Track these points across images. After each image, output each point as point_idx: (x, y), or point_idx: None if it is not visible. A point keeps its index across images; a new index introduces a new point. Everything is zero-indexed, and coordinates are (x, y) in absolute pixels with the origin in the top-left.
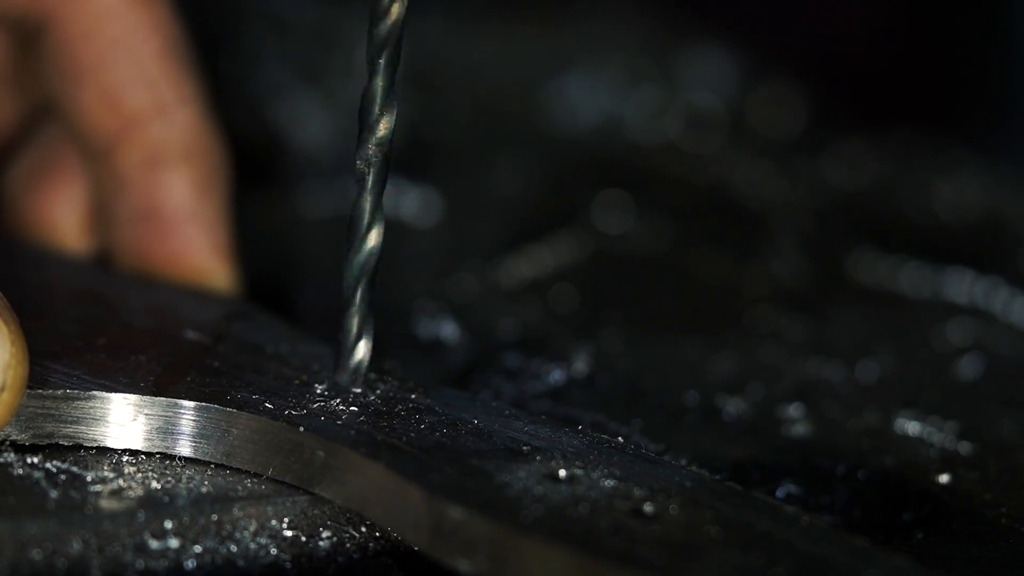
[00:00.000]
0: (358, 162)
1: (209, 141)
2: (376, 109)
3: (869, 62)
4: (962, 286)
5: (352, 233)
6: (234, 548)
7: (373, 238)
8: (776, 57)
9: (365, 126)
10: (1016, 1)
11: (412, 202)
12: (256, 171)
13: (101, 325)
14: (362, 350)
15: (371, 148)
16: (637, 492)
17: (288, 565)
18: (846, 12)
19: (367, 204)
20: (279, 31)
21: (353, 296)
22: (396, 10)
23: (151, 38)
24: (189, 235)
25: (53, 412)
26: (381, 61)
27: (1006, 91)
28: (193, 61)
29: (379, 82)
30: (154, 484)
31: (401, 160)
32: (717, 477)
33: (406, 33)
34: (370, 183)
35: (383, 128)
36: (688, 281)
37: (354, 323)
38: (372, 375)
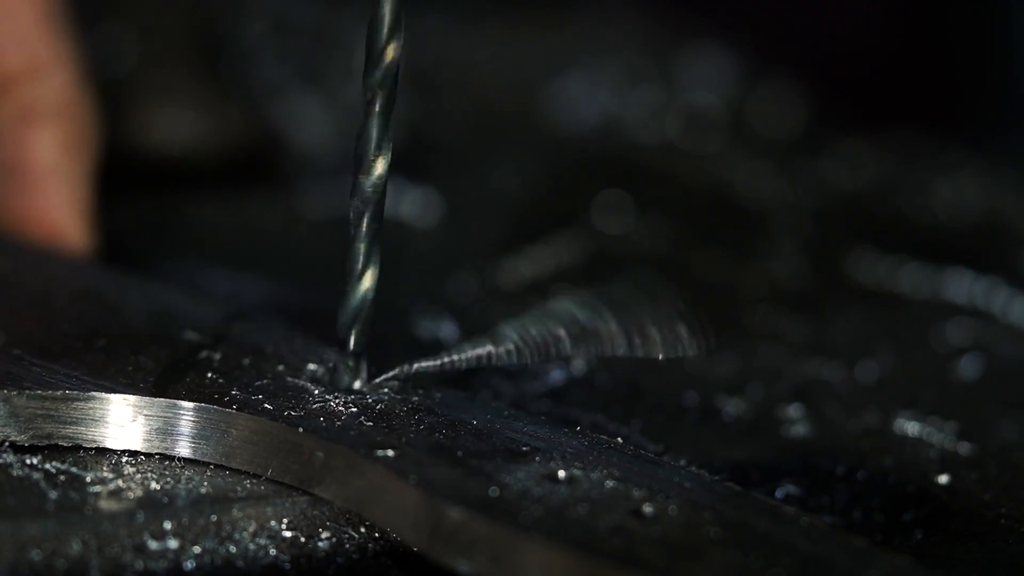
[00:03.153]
0: (352, 204)
1: (80, 103)
2: (371, 152)
3: (869, 62)
4: (962, 286)
5: (348, 276)
6: (233, 549)
7: (367, 281)
8: (776, 57)
9: (360, 168)
10: (1016, 1)
11: (412, 202)
12: (256, 171)
13: (100, 326)
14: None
15: (366, 191)
16: (636, 493)
17: (287, 566)
18: (846, 12)
19: (362, 247)
20: (279, 31)
21: (347, 340)
22: (391, 53)
23: (31, 1)
24: (50, 192)
25: (52, 413)
26: (376, 103)
27: (1006, 91)
28: (72, 26)
29: (374, 125)
30: (153, 485)
31: (401, 160)
32: (716, 478)
33: (406, 33)
34: (364, 226)
35: (379, 170)
36: (688, 281)
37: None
38: (372, 376)
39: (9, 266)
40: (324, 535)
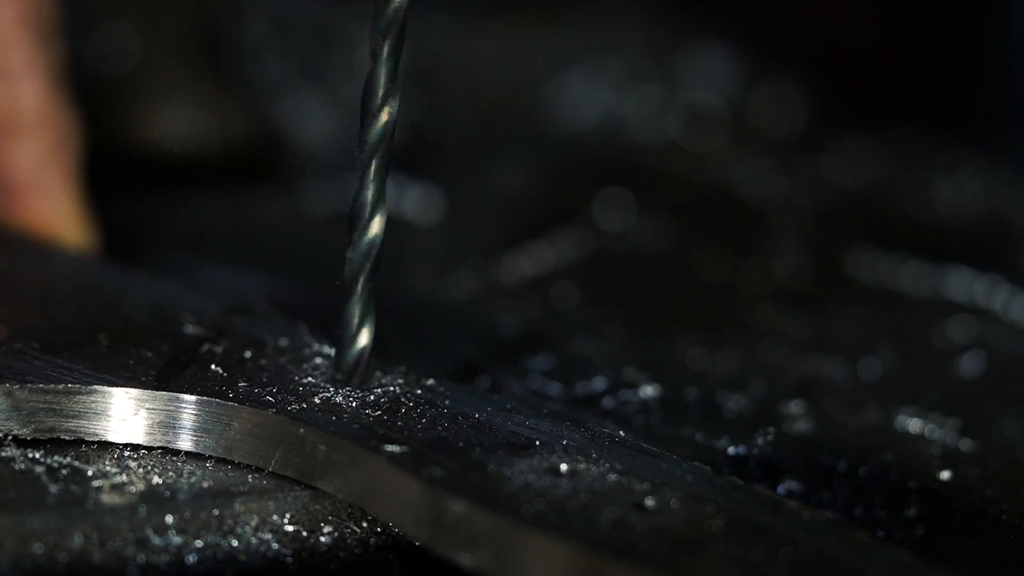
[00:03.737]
0: (360, 151)
1: (56, 112)
2: (379, 98)
3: (870, 61)
4: (963, 284)
5: (354, 223)
6: (235, 543)
7: (375, 227)
8: (777, 56)
9: (367, 115)
10: (1016, 1)
11: (414, 200)
12: (257, 169)
13: (102, 320)
14: (364, 344)
15: (373, 137)
16: (638, 486)
17: (289, 560)
18: (847, 11)
19: (369, 194)
20: (280, 30)
21: (355, 286)
22: None
23: (9, 4)
24: (36, 204)
25: (55, 407)
26: (384, 48)
27: (1006, 90)
28: (52, 30)
29: (382, 70)
30: (155, 479)
31: (403, 158)
32: (718, 472)
33: (407, 32)
34: (372, 172)
35: (385, 116)
36: (689, 279)
37: (355, 313)
38: (373, 370)
39: (10, 261)
40: (326, 529)
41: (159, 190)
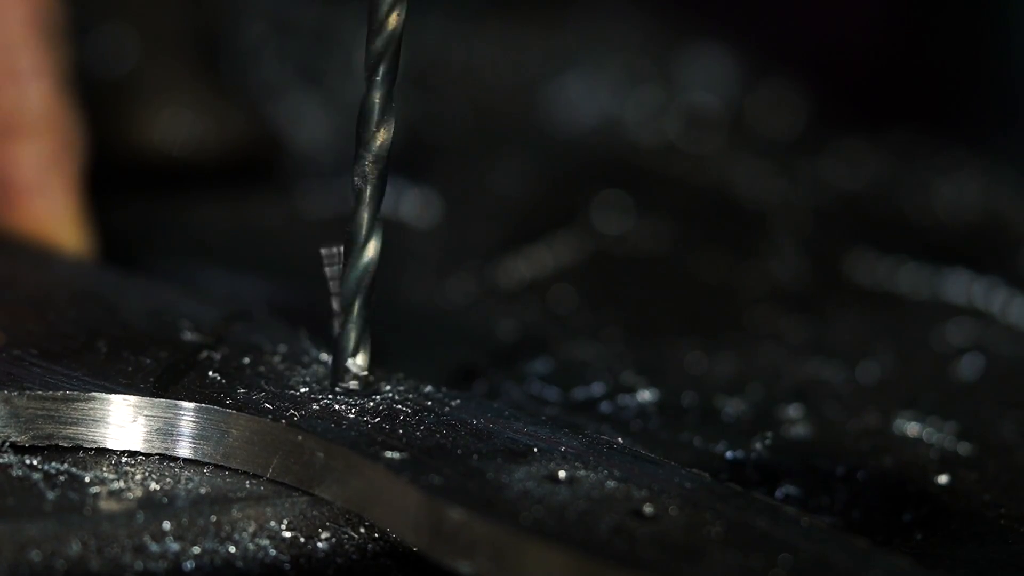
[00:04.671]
0: (355, 176)
1: (60, 115)
2: (374, 122)
3: (868, 62)
4: (961, 286)
5: (350, 246)
6: (233, 549)
7: (371, 250)
8: (776, 57)
9: (363, 139)
10: (1014, 2)
11: (411, 202)
12: (255, 172)
13: (101, 326)
14: (361, 352)
15: (368, 161)
16: (637, 493)
17: (287, 566)
18: (845, 13)
19: (364, 217)
20: (279, 31)
21: (351, 307)
22: (394, 21)
23: (19, 5)
24: (37, 206)
25: (53, 413)
26: (379, 73)
27: (1005, 91)
28: (59, 32)
29: (376, 94)
30: (153, 485)
31: (400, 160)
32: (717, 478)
33: (406, 33)
34: (368, 196)
35: (381, 140)
36: (687, 281)
37: (352, 331)
38: (371, 376)
39: (9, 267)
40: (324, 535)
41: (157, 193)
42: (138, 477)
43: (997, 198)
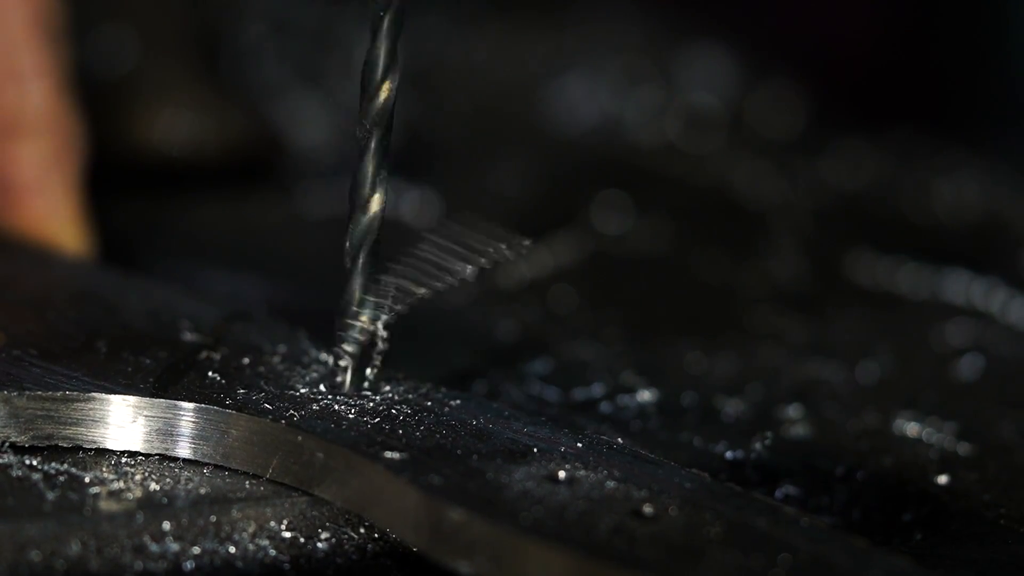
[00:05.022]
0: (359, 128)
1: (62, 115)
2: (379, 73)
3: (868, 62)
4: (961, 286)
5: (354, 200)
6: (233, 549)
7: (375, 204)
8: (775, 57)
9: (367, 91)
10: (1014, 2)
11: (411, 202)
12: (255, 172)
13: (100, 327)
14: (366, 309)
15: (373, 113)
16: (637, 493)
17: (287, 566)
18: (845, 13)
19: (369, 170)
20: (279, 31)
21: (356, 261)
22: (386, 91)
23: (20, 5)
24: (36, 205)
25: (52, 414)
26: (384, 24)
27: (1005, 92)
28: (60, 33)
29: (382, 46)
30: (153, 486)
31: (400, 160)
32: (716, 478)
33: (406, 33)
34: (372, 149)
35: (385, 92)
36: (687, 282)
37: (356, 290)
38: (371, 376)
39: (9, 268)
40: (323, 536)
41: (157, 193)
42: (138, 477)
43: (997, 198)
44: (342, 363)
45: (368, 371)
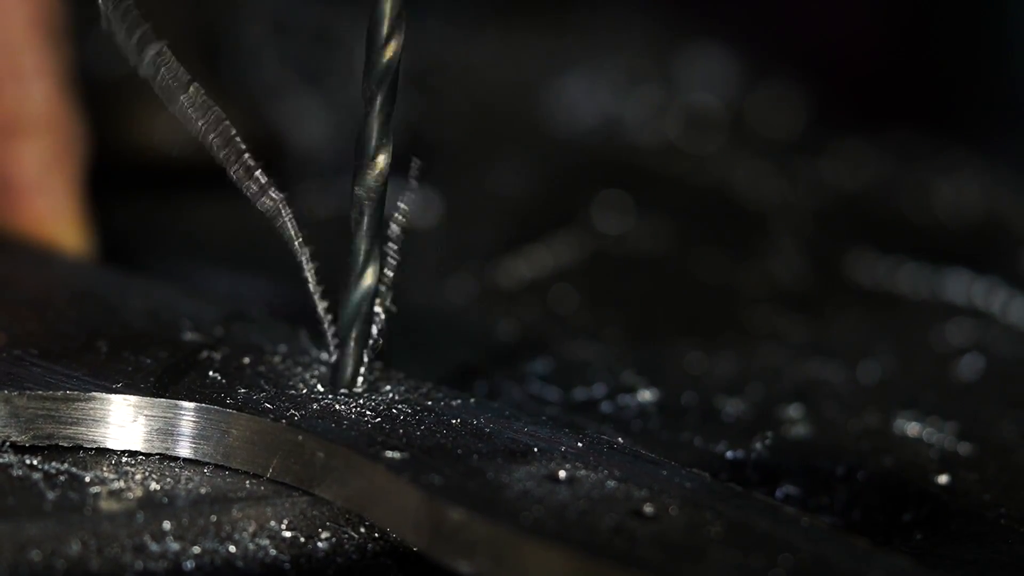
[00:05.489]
0: (354, 201)
1: (62, 115)
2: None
3: (868, 63)
4: (961, 286)
5: (348, 273)
6: (233, 549)
7: (369, 278)
8: (776, 57)
9: (362, 162)
10: (1014, 2)
11: (411, 203)
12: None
13: (101, 326)
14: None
15: (367, 188)
16: (637, 493)
17: (287, 566)
18: (845, 13)
19: (363, 244)
20: (279, 31)
21: (348, 336)
22: (393, 47)
23: (21, 5)
24: (37, 205)
25: (53, 413)
26: (377, 102)
27: (1005, 92)
28: (61, 33)
29: (375, 118)
30: (153, 485)
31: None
32: (717, 478)
33: (406, 32)
34: (365, 222)
35: (380, 164)
36: (687, 282)
37: (349, 361)
38: (372, 376)
39: (9, 267)
40: (324, 535)
41: (157, 194)
42: (138, 477)
43: (997, 198)
44: (342, 355)
45: (363, 367)
